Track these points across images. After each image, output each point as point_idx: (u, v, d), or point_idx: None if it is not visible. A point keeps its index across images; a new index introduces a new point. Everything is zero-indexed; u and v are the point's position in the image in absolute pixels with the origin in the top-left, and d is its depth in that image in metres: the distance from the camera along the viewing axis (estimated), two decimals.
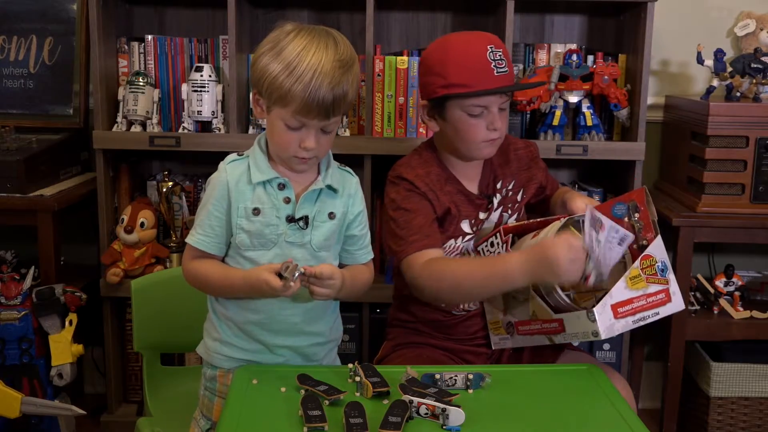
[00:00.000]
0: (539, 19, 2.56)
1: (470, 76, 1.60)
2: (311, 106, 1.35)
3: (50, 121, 2.52)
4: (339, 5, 2.54)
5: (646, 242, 1.51)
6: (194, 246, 1.46)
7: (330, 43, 1.37)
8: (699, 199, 2.27)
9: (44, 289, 2.14)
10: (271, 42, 1.39)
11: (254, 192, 1.43)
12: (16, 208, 2.22)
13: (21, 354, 2.14)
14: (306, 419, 1.17)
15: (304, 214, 1.44)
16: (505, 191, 1.76)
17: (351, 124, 2.38)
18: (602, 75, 2.30)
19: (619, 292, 1.41)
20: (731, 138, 2.23)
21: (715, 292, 2.38)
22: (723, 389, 2.34)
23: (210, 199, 1.44)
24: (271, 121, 1.41)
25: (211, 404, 1.52)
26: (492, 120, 1.63)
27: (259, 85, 1.40)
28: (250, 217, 1.42)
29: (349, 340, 2.45)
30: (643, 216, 1.53)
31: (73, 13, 2.51)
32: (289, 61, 1.34)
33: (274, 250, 1.44)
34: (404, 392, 1.22)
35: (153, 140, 2.32)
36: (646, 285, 1.43)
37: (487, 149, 1.68)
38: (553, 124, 2.34)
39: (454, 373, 1.32)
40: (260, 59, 1.39)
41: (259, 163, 1.44)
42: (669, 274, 1.46)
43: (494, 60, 1.60)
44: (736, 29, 2.56)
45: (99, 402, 2.54)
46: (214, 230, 1.45)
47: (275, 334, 1.47)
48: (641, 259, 1.44)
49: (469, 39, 1.65)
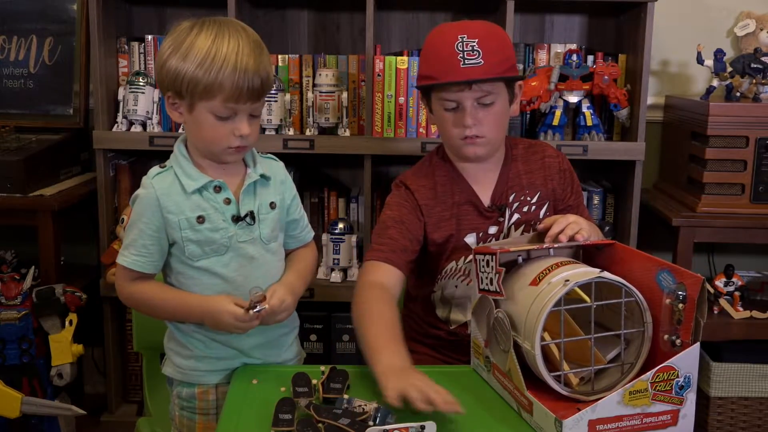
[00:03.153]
0: (539, 19, 2.56)
1: (436, 67, 1.53)
2: (242, 91, 1.32)
3: (50, 121, 2.52)
4: (339, 5, 2.54)
5: (678, 343, 1.17)
6: (128, 267, 1.39)
7: (239, 29, 1.36)
8: (699, 199, 2.27)
9: (44, 289, 2.14)
10: (174, 42, 1.35)
11: (190, 201, 1.38)
12: (16, 208, 2.22)
13: (21, 354, 2.14)
14: (274, 422, 1.17)
15: (248, 210, 1.41)
16: (523, 204, 1.62)
17: (351, 124, 2.38)
18: (602, 75, 2.31)
19: (607, 407, 1.10)
20: (731, 138, 2.23)
21: (715, 292, 2.37)
22: (723, 389, 2.34)
23: (140, 217, 1.38)
24: (197, 118, 1.35)
25: (193, 423, 1.46)
26: (462, 116, 1.53)
27: (176, 86, 1.34)
28: (195, 227, 1.37)
29: (349, 340, 2.45)
30: (688, 310, 1.16)
31: (73, 13, 2.52)
32: (206, 52, 1.31)
33: (229, 254, 1.40)
34: (318, 416, 1.17)
35: (153, 140, 2.32)
36: (649, 403, 1.12)
37: (469, 148, 1.56)
38: (553, 124, 2.34)
39: (365, 402, 1.22)
40: (169, 61, 1.34)
41: (188, 171, 1.39)
42: (689, 393, 1.13)
43: (462, 51, 1.49)
44: (736, 29, 2.56)
45: (99, 402, 2.54)
46: (148, 249, 1.38)
47: (247, 336, 1.43)
48: (658, 370, 1.12)
49: (444, 29, 1.56)
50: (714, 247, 2.63)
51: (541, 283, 1.24)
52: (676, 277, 1.18)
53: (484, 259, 1.32)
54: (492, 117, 1.55)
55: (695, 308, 1.14)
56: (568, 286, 1.18)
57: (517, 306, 1.26)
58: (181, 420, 1.48)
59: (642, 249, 2.47)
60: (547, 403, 1.17)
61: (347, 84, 2.40)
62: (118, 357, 2.50)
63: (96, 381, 2.70)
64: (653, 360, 1.17)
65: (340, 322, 2.45)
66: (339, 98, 2.32)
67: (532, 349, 1.19)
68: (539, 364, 1.19)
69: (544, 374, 1.19)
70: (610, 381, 1.23)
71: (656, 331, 1.21)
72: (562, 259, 1.31)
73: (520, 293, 1.27)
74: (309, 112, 2.33)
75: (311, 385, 1.28)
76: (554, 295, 1.18)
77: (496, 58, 1.51)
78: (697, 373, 1.14)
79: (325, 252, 2.38)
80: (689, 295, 1.15)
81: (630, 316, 1.23)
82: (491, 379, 1.35)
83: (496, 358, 1.31)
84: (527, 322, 1.22)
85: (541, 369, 1.19)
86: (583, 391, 1.21)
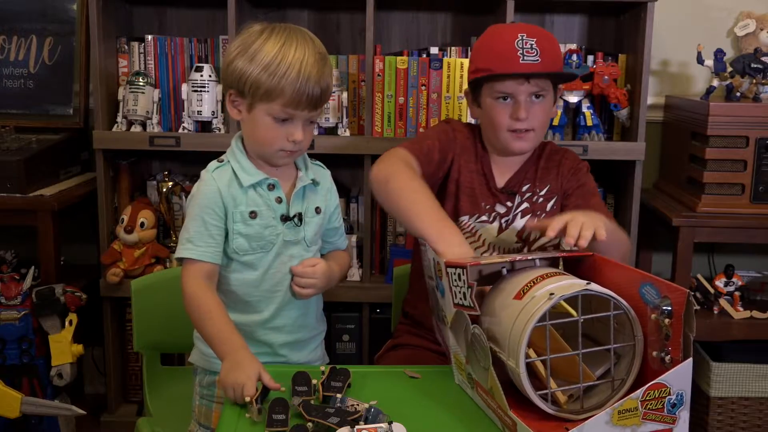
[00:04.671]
0: (539, 19, 2.56)
1: (494, 61, 1.61)
2: (301, 99, 1.37)
3: (50, 121, 2.52)
4: (339, 5, 2.54)
5: (668, 360, 1.12)
6: (199, 259, 1.40)
7: (307, 38, 1.41)
8: (699, 199, 2.27)
9: (44, 289, 2.14)
10: (242, 44, 1.40)
11: (247, 195, 1.43)
12: (16, 208, 2.22)
13: (21, 354, 2.14)
14: (267, 423, 1.17)
15: (297, 212, 1.46)
16: (534, 195, 1.69)
17: (351, 124, 2.38)
18: (602, 75, 2.31)
19: (595, 428, 1.03)
20: (731, 138, 2.23)
21: (715, 292, 2.37)
22: (723, 389, 2.34)
23: (203, 209, 1.41)
24: (255, 118, 1.40)
25: (210, 412, 1.50)
26: (516, 109, 1.60)
27: (239, 85, 1.39)
28: (247, 221, 1.42)
29: (348, 340, 2.45)
30: (675, 325, 1.11)
31: (73, 13, 2.51)
32: (273, 57, 1.36)
33: (274, 251, 1.45)
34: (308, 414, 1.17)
35: (153, 140, 2.32)
36: (639, 423, 1.05)
37: (516, 142, 1.63)
38: (553, 124, 2.34)
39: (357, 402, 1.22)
40: (235, 61, 1.39)
41: (245, 167, 1.44)
42: (682, 412, 1.07)
43: (522, 48, 1.58)
44: (736, 29, 2.56)
45: (99, 402, 2.54)
46: (215, 239, 1.42)
47: (278, 332, 1.49)
48: (648, 388, 1.05)
49: (505, 27, 1.67)
50: (714, 247, 2.63)
51: (524, 297, 1.18)
52: (660, 290, 1.13)
53: (456, 273, 1.25)
54: (542, 112, 1.64)
55: (683, 323, 1.09)
56: (553, 300, 1.12)
57: (501, 322, 1.20)
58: (200, 409, 1.52)
59: (642, 249, 2.50)
60: (533, 423, 1.11)
61: (347, 84, 2.40)
62: (118, 357, 2.50)
63: (96, 381, 2.70)
64: (644, 377, 1.13)
65: (340, 322, 2.45)
66: (339, 98, 2.32)
67: (517, 367, 1.13)
68: (524, 383, 1.14)
69: (530, 394, 1.14)
70: (600, 399, 1.17)
71: (645, 347, 1.16)
72: (548, 270, 1.24)
73: (504, 309, 1.21)
74: None
75: (311, 385, 1.28)
76: (539, 309, 1.12)
77: (551, 58, 1.61)
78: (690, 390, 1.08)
79: None
80: (675, 310, 1.10)
81: (620, 330, 1.18)
82: (475, 396, 1.29)
83: (478, 375, 1.25)
84: (511, 339, 1.16)
85: (527, 388, 1.14)
86: (572, 409, 1.16)
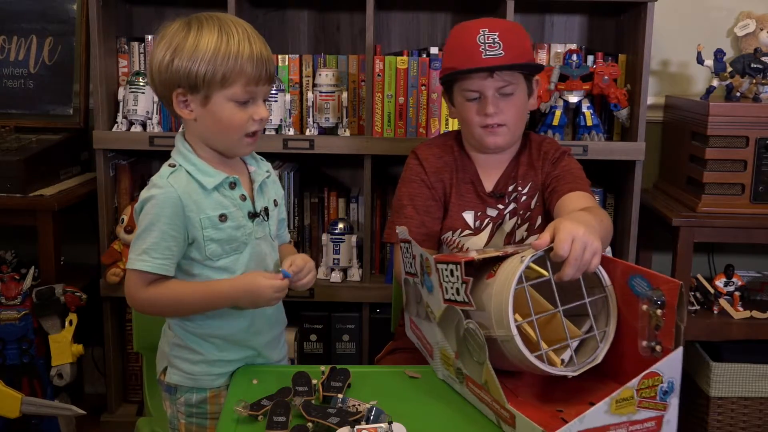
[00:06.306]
0: (539, 19, 2.56)
1: (458, 58, 1.62)
2: (261, 74, 1.35)
3: (50, 121, 2.52)
4: (339, 5, 2.54)
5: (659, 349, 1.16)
6: (152, 272, 1.33)
7: (236, 20, 1.38)
8: (699, 199, 2.27)
9: (44, 289, 2.14)
10: (172, 44, 1.34)
11: (211, 198, 1.36)
12: (16, 208, 2.22)
13: (21, 354, 2.14)
14: (268, 425, 1.16)
15: (262, 207, 1.43)
16: (518, 195, 1.70)
17: (351, 124, 2.38)
18: (602, 75, 2.30)
19: (594, 417, 1.06)
20: (731, 138, 2.23)
21: (715, 292, 2.37)
22: (723, 389, 2.34)
23: (160, 218, 1.32)
24: (214, 109, 1.34)
25: (204, 429, 1.44)
26: (484, 104, 1.61)
27: (188, 81, 1.33)
28: (218, 225, 1.36)
29: (348, 340, 2.45)
30: (668, 316, 1.15)
31: (73, 13, 2.52)
32: (218, 44, 1.32)
33: (247, 251, 1.40)
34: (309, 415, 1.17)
35: (153, 140, 2.32)
36: (634, 411, 1.09)
37: (489, 137, 1.64)
38: (553, 124, 2.34)
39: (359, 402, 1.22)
40: (174, 62, 1.33)
41: (202, 168, 1.37)
42: (672, 398, 1.12)
43: (484, 42, 1.58)
44: (736, 29, 2.56)
45: (99, 402, 2.54)
46: (172, 251, 1.34)
47: (260, 334, 1.45)
48: (643, 377, 1.09)
49: (468, 24, 1.66)
50: (714, 247, 2.63)
51: (497, 272, 1.25)
52: (651, 282, 1.17)
53: (447, 269, 1.27)
54: (512, 107, 1.63)
55: (675, 313, 1.13)
56: (524, 262, 1.20)
57: (482, 304, 1.24)
58: (188, 428, 1.45)
59: (642, 249, 2.50)
60: (530, 414, 1.13)
61: (347, 84, 2.40)
62: (118, 357, 2.50)
63: (96, 381, 2.70)
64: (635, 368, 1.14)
65: (340, 322, 2.45)
66: (339, 98, 2.32)
67: (509, 332, 1.16)
68: (520, 346, 1.16)
69: (528, 356, 1.16)
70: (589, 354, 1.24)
71: (634, 337, 1.20)
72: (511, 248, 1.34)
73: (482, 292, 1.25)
74: (309, 112, 2.33)
75: (311, 385, 1.28)
76: (514, 273, 1.19)
77: (516, 51, 1.60)
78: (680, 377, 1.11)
79: (325, 252, 2.38)
80: (668, 302, 1.13)
81: (592, 286, 1.25)
82: (465, 391, 1.30)
83: (470, 370, 1.26)
84: (495, 309, 1.20)
85: (523, 350, 1.16)
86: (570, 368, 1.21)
